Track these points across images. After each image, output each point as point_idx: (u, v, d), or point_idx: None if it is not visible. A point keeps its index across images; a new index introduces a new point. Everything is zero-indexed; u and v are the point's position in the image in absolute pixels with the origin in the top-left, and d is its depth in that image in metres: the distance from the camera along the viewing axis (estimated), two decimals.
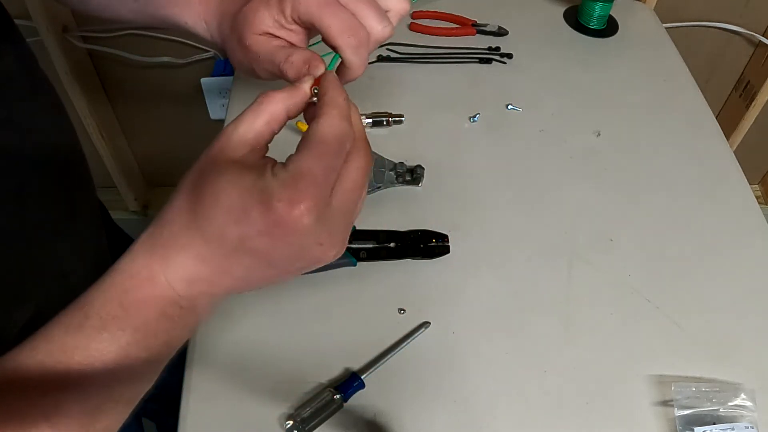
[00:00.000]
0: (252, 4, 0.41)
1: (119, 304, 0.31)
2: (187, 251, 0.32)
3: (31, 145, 0.46)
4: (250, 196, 0.30)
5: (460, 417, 0.53)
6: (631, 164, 0.75)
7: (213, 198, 0.31)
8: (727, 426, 0.52)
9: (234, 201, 0.30)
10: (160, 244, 0.32)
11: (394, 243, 0.64)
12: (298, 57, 0.40)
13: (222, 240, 0.31)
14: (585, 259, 0.65)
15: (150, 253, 0.32)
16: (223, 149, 0.33)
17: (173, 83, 1.37)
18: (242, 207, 0.30)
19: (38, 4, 1.14)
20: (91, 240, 0.56)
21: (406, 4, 0.43)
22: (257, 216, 0.30)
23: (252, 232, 0.30)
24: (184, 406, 0.53)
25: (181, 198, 0.32)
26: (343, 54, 0.39)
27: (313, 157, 0.31)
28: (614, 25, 0.95)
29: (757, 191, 1.71)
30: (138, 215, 1.67)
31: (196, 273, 0.32)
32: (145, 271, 0.32)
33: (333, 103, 0.34)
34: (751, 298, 0.62)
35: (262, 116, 0.34)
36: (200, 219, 0.31)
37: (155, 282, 0.32)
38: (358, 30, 0.39)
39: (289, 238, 0.31)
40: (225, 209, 0.31)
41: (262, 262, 0.32)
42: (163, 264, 0.32)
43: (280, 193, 0.30)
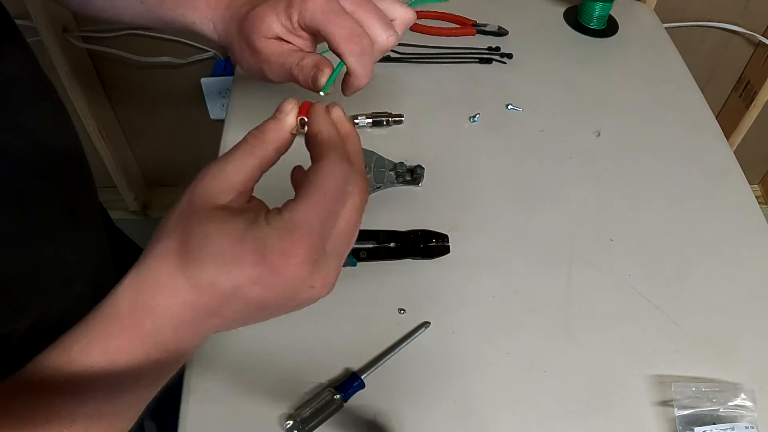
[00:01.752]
0: (259, 9, 0.42)
1: (103, 352, 0.30)
2: (174, 298, 0.30)
3: (33, 150, 0.46)
4: (242, 244, 0.29)
5: (460, 417, 0.53)
6: (631, 164, 0.75)
7: (202, 245, 0.30)
8: (727, 426, 0.52)
9: (225, 250, 0.29)
10: (145, 289, 0.31)
11: (394, 243, 0.64)
12: (309, 62, 0.41)
13: (213, 288, 0.30)
14: (585, 259, 0.65)
15: (134, 299, 0.31)
16: (209, 193, 0.31)
17: (173, 83, 1.37)
18: (234, 256, 0.29)
19: (38, 4, 1.14)
20: (93, 244, 0.56)
21: (412, 13, 0.44)
22: (251, 266, 0.29)
23: (245, 281, 0.30)
24: (184, 407, 0.53)
25: (167, 242, 0.31)
26: (346, 61, 0.40)
27: (312, 208, 0.30)
28: (614, 25, 0.95)
29: (757, 191, 1.71)
30: (138, 215, 1.67)
31: (183, 319, 0.31)
32: (129, 318, 0.30)
33: (330, 144, 0.33)
34: (751, 298, 0.62)
35: (252, 160, 0.33)
36: (189, 266, 0.30)
37: (140, 328, 0.30)
38: (361, 38, 0.39)
39: (283, 285, 0.30)
40: (216, 258, 0.29)
41: (253, 306, 0.31)
42: (148, 310, 0.30)
43: (274, 243, 0.29)
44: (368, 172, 0.68)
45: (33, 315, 0.47)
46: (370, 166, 0.69)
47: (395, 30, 0.42)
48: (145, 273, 0.31)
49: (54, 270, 0.49)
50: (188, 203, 0.32)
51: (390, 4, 0.43)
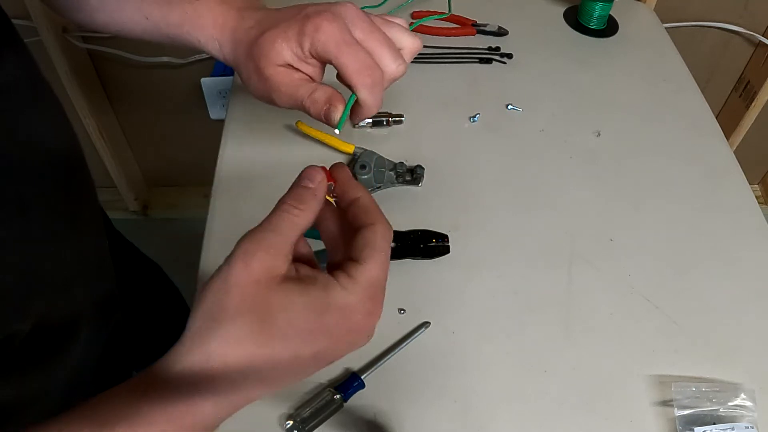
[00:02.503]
0: (269, 35, 0.41)
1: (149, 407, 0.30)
2: (246, 381, 0.31)
3: (33, 154, 0.46)
4: (330, 314, 0.31)
5: (460, 417, 0.53)
6: (631, 164, 0.75)
7: (289, 324, 0.30)
8: (727, 426, 0.52)
9: (314, 323, 0.31)
10: (211, 376, 0.30)
11: (394, 243, 0.64)
12: (322, 96, 0.41)
13: (295, 359, 0.31)
14: (585, 259, 0.65)
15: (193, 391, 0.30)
16: (270, 267, 0.31)
17: (173, 83, 1.37)
18: (323, 327, 0.31)
19: (38, 4, 1.14)
20: (93, 247, 0.56)
21: (419, 42, 0.44)
22: (338, 331, 0.31)
23: (329, 346, 0.32)
24: None
25: (239, 324, 0.30)
26: (358, 93, 0.40)
27: (380, 268, 0.33)
28: (614, 25, 0.95)
29: (757, 191, 1.72)
30: (138, 215, 1.67)
31: (249, 397, 0.32)
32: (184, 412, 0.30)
33: (374, 208, 0.35)
34: (751, 298, 0.62)
35: (297, 230, 0.34)
36: (272, 345, 0.30)
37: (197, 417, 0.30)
38: (373, 70, 0.39)
39: (356, 341, 0.33)
40: (305, 332, 0.31)
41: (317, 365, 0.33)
42: (214, 397, 0.30)
43: (360, 307, 0.32)
44: (368, 172, 0.68)
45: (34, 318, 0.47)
46: (370, 166, 0.69)
47: (404, 59, 0.42)
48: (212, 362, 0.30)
49: (54, 273, 0.49)
50: (251, 281, 0.31)
51: (398, 33, 0.43)
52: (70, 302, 0.52)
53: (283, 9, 0.43)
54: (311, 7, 0.41)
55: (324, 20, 0.39)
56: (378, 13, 0.45)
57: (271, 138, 0.75)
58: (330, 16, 0.39)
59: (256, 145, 0.74)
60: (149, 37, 0.49)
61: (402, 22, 0.44)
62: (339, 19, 0.39)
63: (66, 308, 0.51)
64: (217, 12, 0.45)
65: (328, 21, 0.39)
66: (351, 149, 0.72)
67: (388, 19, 0.44)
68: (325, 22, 0.39)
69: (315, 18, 0.39)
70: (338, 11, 0.40)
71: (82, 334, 0.53)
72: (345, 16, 0.40)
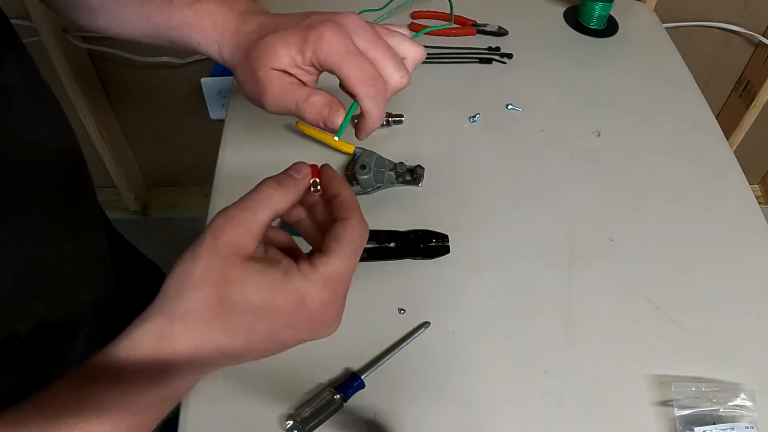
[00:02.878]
0: (269, 39, 0.41)
1: (120, 392, 0.32)
2: (205, 347, 0.32)
3: (33, 157, 0.46)
4: (283, 295, 0.32)
5: (460, 417, 0.53)
6: (631, 164, 0.75)
7: (243, 299, 0.32)
8: (727, 426, 0.52)
9: (267, 301, 0.32)
10: (171, 336, 0.32)
11: (394, 243, 0.64)
12: (320, 100, 0.41)
13: (249, 334, 0.33)
14: (585, 259, 0.65)
15: (157, 346, 0.32)
16: (235, 244, 0.33)
17: (173, 83, 1.37)
18: (276, 307, 0.32)
19: (38, 4, 1.14)
20: (93, 248, 0.56)
21: (423, 51, 0.44)
22: (289, 314, 0.33)
23: (281, 326, 0.33)
24: (184, 407, 0.53)
25: (199, 294, 0.32)
26: (361, 103, 0.40)
27: (345, 261, 0.34)
28: (614, 25, 0.95)
29: (757, 191, 1.72)
30: (138, 215, 1.67)
31: (207, 362, 0.33)
32: (149, 361, 0.32)
33: (352, 204, 0.36)
34: (751, 298, 0.62)
35: (268, 211, 0.35)
36: (228, 318, 0.32)
37: (158, 371, 0.32)
38: (376, 80, 0.40)
39: (314, 329, 0.34)
40: (257, 309, 0.32)
41: (276, 346, 0.34)
42: (174, 356, 0.32)
43: (315, 294, 0.33)
44: (368, 172, 0.68)
45: (34, 319, 0.47)
46: (370, 166, 0.69)
47: (407, 70, 0.42)
48: (175, 325, 0.32)
49: (54, 274, 0.49)
50: (216, 255, 0.33)
51: (401, 42, 0.43)
52: (70, 303, 0.52)
53: (286, 15, 0.43)
54: (314, 16, 0.41)
55: (327, 30, 0.39)
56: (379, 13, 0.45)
57: (271, 138, 0.75)
58: (333, 25, 0.39)
59: (256, 145, 0.74)
60: (149, 40, 0.49)
61: (405, 31, 0.44)
62: (342, 29, 0.39)
63: (66, 309, 0.51)
64: (217, 14, 0.44)
65: (331, 30, 0.39)
66: (351, 149, 0.72)
67: (391, 28, 0.43)
68: (329, 32, 0.39)
69: (319, 27, 0.39)
70: (341, 21, 0.40)
71: (81, 334, 0.53)
72: (348, 26, 0.40)
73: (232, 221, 0.34)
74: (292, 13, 0.43)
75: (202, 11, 0.45)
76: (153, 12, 0.46)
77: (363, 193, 0.69)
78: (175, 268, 0.33)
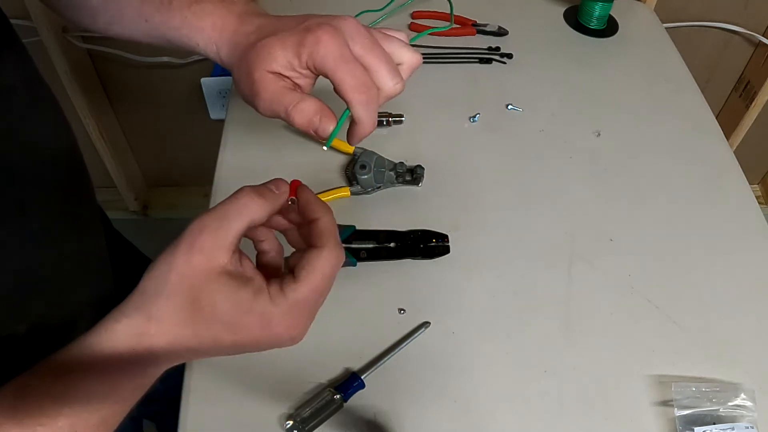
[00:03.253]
0: (267, 41, 0.41)
1: (100, 383, 0.33)
2: (178, 344, 0.35)
3: (32, 158, 0.46)
4: (249, 315, 0.34)
5: (460, 417, 0.53)
6: (631, 164, 0.75)
7: (212, 312, 0.34)
8: (727, 426, 0.52)
9: (234, 317, 0.34)
10: (148, 334, 0.34)
11: (394, 243, 0.64)
12: (310, 107, 0.41)
13: (215, 342, 0.35)
14: (585, 259, 0.65)
15: (136, 342, 0.34)
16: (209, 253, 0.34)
17: (173, 83, 1.37)
18: (241, 324, 0.34)
19: (38, 4, 1.14)
20: (91, 248, 0.56)
21: (419, 57, 0.44)
22: (254, 332, 0.35)
23: (245, 341, 0.35)
24: (184, 407, 0.53)
25: (173, 301, 0.34)
26: (353, 109, 0.40)
27: (314, 290, 0.35)
28: (614, 25, 0.95)
29: (757, 191, 1.72)
30: (138, 215, 1.67)
31: (179, 356, 0.36)
32: (129, 355, 0.34)
33: (329, 232, 0.37)
34: (751, 298, 0.62)
35: (244, 221, 0.36)
36: (198, 326, 0.34)
37: (138, 365, 0.34)
38: (369, 88, 0.40)
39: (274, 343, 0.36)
40: (225, 323, 0.34)
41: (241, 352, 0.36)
42: (150, 352, 0.34)
43: (280, 320, 0.35)
44: (368, 172, 0.68)
45: (33, 319, 0.47)
46: (370, 166, 0.69)
47: (402, 77, 0.42)
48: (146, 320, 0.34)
49: (53, 275, 0.49)
50: (190, 263, 0.34)
51: (398, 48, 0.43)
52: (69, 302, 0.52)
53: (285, 18, 0.43)
54: (312, 20, 0.41)
55: (325, 34, 0.39)
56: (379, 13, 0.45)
57: (271, 138, 0.75)
58: (331, 29, 0.39)
59: (256, 145, 0.74)
60: (149, 40, 0.49)
61: (402, 36, 0.44)
62: (339, 34, 0.39)
63: (65, 308, 0.51)
64: (216, 15, 0.44)
65: (328, 35, 0.39)
66: (351, 149, 0.72)
67: (388, 33, 0.43)
68: (326, 36, 0.39)
69: (316, 30, 0.39)
70: (339, 25, 0.40)
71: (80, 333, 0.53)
72: (345, 30, 0.40)
73: (207, 229, 0.35)
74: (291, 16, 0.43)
75: (201, 12, 0.45)
76: (152, 12, 0.46)
77: (363, 193, 0.69)
78: (152, 268, 0.35)
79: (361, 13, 0.91)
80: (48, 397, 0.32)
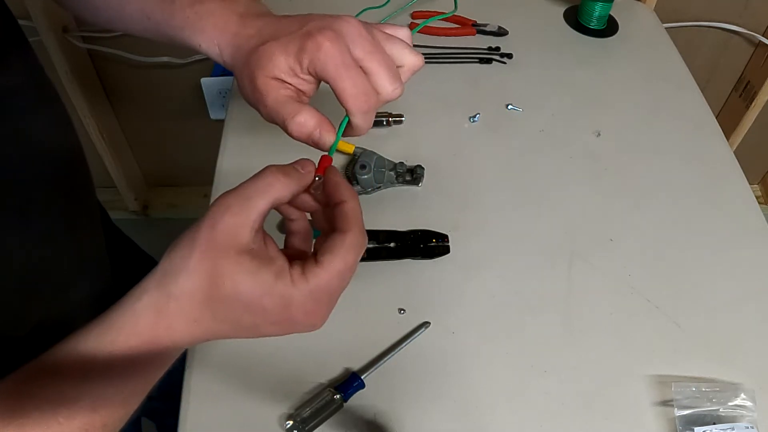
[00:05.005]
0: (268, 46, 0.41)
1: (122, 363, 0.34)
2: (197, 326, 0.34)
3: (36, 158, 0.46)
4: (270, 297, 0.33)
5: (460, 417, 0.53)
6: (631, 164, 0.75)
7: (233, 292, 0.33)
8: (727, 426, 0.52)
9: (254, 299, 0.33)
10: (167, 313, 0.34)
11: (394, 243, 0.64)
12: (309, 120, 0.40)
13: (235, 323, 0.35)
14: (585, 259, 0.65)
15: (155, 320, 0.34)
16: (232, 232, 0.34)
17: (173, 83, 1.37)
18: (261, 305, 0.34)
19: (38, 4, 1.14)
20: (91, 249, 0.56)
21: (421, 60, 0.43)
22: (274, 314, 0.34)
23: (265, 322, 0.34)
24: (184, 406, 0.53)
25: (193, 279, 0.34)
26: (351, 116, 0.40)
27: (335, 276, 0.34)
28: (614, 25, 0.95)
29: (757, 191, 1.72)
30: (138, 215, 1.67)
31: (200, 338, 0.35)
32: (149, 335, 0.34)
33: (354, 217, 0.36)
34: (751, 298, 0.62)
35: (268, 199, 0.35)
36: (218, 307, 0.34)
37: (158, 343, 0.34)
38: (369, 96, 0.40)
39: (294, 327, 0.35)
40: (244, 304, 0.34)
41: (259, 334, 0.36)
42: (169, 331, 0.34)
43: (300, 304, 0.34)
44: (368, 172, 0.68)
45: (33, 320, 0.47)
46: (370, 166, 0.69)
47: (401, 81, 0.41)
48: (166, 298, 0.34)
49: (53, 276, 0.49)
50: (212, 242, 0.34)
51: (400, 50, 0.42)
52: (69, 301, 0.52)
53: (285, 19, 0.42)
54: (313, 23, 0.40)
55: (326, 39, 0.38)
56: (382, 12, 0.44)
57: (271, 138, 0.75)
58: (331, 34, 0.39)
59: (256, 145, 0.74)
60: (151, 36, 0.49)
61: (405, 36, 0.44)
62: (340, 39, 0.39)
63: (64, 307, 0.51)
64: (218, 15, 0.44)
65: (329, 41, 0.38)
66: (351, 149, 0.72)
67: (390, 33, 0.43)
68: (327, 42, 0.38)
69: (317, 36, 0.39)
70: (340, 28, 0.39)
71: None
72: (346, 33, 0.39)
73: (230, 209, 0.34)
74: (292, 17, 0.42)
75: (203, 12, 0.45)
76: (154, 10, 0.46)
77: (363, 193, 0.69)
78: (174, 247, 0.35)
79: (363, 11, 0.91)
80: (68, 380, 0.32)
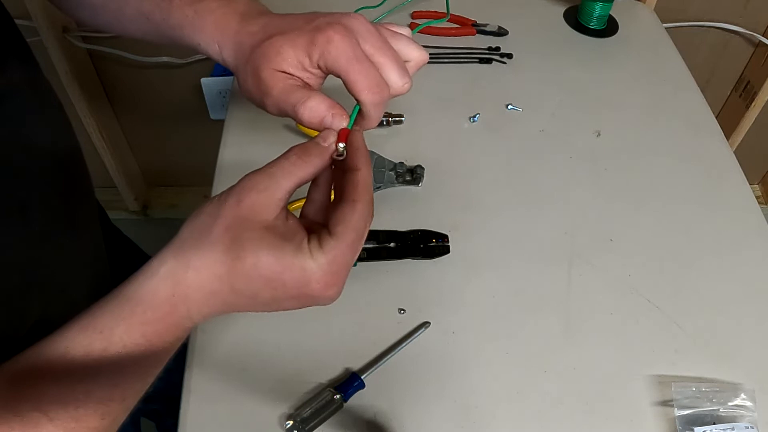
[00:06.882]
0: (275, 40, 0.41)
1: (142, 335, 0.34)
2: (214, 298, 0.35)
3: (35, 159, 0.46)
4: (290, 272, 0.34)
5: (460, 417, 0.53)
6: (631, 164, 0.75)
7: (254, 267, 0.34)
8: (727, 426, 0.52)
9: (275, 274, 0.34)
10: (186, 284, 0.34)
11: (394, 243, 0.64)
12: (321, 104, 0.40)
13: (254, 298, 0.35)
14: (585, 259, 0.65)
15: (173, 291, 0.34)
16: (257, 209, 0.34)
17: (173, 83, 1.37)
18: (282, 280, 0.34)
19: (38, 4, 1.14)
20: (91, 248, 0.56)
21: (426, 55, 0.44)
22: (293, 289, 0.34)
23: (284, 297, 0.35)
24: (184, 407, 0.53)
25: (215, 252, 0.34)
26: (364, 108, 0.40)
27: (349, 246, 0.35)
28: (614, 25, 0.95)
29: (757, 191, 1.72)
30: (138, 215, 1.67)
31: (216, 311, 0.36)
32: (167, 306, 0.34)
33: (366, 187, 0.36)
34: (751, 298, 0.62)
35: (294, 179, 0.36)
36: (236, 279, 0.34)
37: (176, 315, 0.35)
38: (382, 88, 0.40)
39: (314, 302, 0.36)
40: (265, 278, 0.34)
41: (276, 308, 0.36)
42: (186, 302, 0.34)
43: (319, 277, 0.34)
44: None
45: (32, 320, 0.47)
46: None
47: (409, 76, 0.42)
48: (184, 269, 0.34)
49: (53, 276, 0.49)
50: (237, 217, 0.34)
51: (405, 45, 0.43)
52: (68, 300, 0.52)
53: (289, 16, 0.42)
54: (321, 18, 0.40)
55: (336, 33, 0.39)
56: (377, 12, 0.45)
57: (271, 138, 0.75)
58: (342, 29, 0.39)
59: (256, 145, 0.74)
60: (150, 38, 0.49)
61: (407, 32, 0.44)
62: (350, 33, 0.39)
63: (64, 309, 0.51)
64: (218, 14, 0.44)
65: (340, 34, 0.39)
66: None
67: (394, 30, 0.43)
68: (338, 36, 0.39)
69: (327, 30, 0.39)
70: (349, 24, 0.40)
71: None
72: (355, 29, 0.40)
73: (257, 186, 0.35)
74: (295, 14, 0.42)
75: (203, 10, 0.44)
76: (153, 10, 0.46)
77: None
78: (196, 215, 0.35)
79: (359, 10, 0.91)
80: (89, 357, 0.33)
